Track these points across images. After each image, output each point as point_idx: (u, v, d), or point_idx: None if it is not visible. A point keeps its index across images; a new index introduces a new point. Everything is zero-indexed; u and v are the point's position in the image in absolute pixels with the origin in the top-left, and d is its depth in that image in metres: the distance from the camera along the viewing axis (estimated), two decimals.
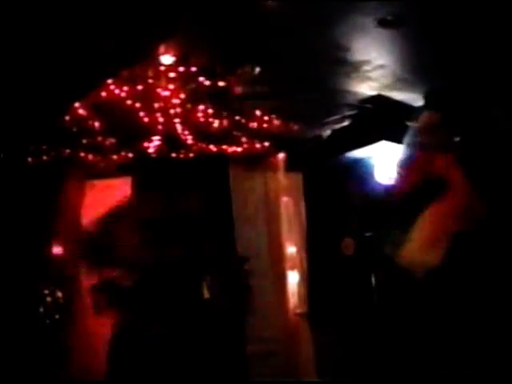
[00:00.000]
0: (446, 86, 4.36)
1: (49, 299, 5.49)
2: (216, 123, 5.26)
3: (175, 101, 4.72)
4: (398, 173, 2.05)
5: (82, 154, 5.75)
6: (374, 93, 5.00)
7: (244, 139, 5.83)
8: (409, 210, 1.93)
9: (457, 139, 1.88)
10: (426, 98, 2.23)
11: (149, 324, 4.81)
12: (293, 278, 6.64)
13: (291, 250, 6.69)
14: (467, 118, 1.96)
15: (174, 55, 4.05)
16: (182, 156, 5.98)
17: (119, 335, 4.77)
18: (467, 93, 2.36)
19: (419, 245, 1.87)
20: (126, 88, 4.45)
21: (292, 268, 6.65)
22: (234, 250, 6.29)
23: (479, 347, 1.79)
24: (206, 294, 5.28)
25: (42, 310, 5.41)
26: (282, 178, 6.74)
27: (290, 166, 6.59)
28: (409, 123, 2.09)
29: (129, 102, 4.64)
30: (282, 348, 6.28)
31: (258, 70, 4.29)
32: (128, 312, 4.89)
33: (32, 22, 2.86)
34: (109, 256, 5.34)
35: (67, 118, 4.75)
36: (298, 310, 6.51)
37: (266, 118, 5.35)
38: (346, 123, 5.74)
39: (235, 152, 6.13)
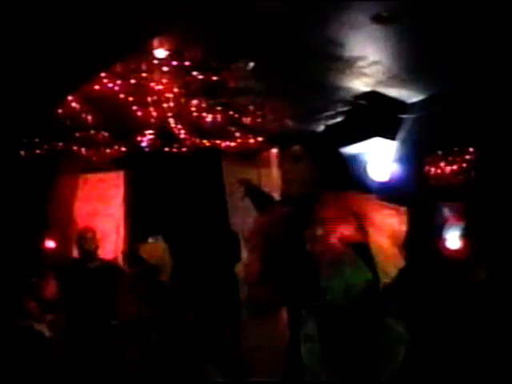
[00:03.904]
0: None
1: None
2: (209, 118, 5.25)
3: (169, 95, 4.71)
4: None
5: (75, 148, 5.73)
6: (368, 89, 5.00)
7: (238, 134, 5.82)
8: None
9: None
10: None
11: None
12: None
13: None
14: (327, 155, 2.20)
15: (168, 49, 4.04)
16: (175, 150, 5.97)
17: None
18: None
19: None
20: (119, 82, 4.43)
21: None
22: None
23: None
24: None
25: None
26: (275, 172, 6.73)
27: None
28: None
29: (122, 95, 4.63)
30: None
31: (251, 65, 4.29)
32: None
33: (24, 16, 2.84)
34: None
35: (60, 111, 4.74)
36: None
37: (259, 113, 5.34)
38: (339, 119, 5.74)
39: (229, 147, 6.12)
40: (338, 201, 2.02)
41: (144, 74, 4.35)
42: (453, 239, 4.97)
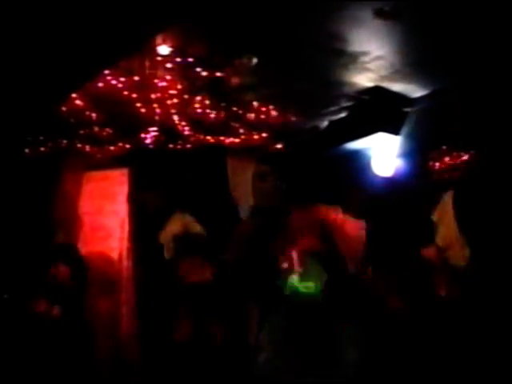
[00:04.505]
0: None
1: None
2: (213, 114, 5.26)
3: (172, 91, 4.72)
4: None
5: (80, 145, 5.74)
6: (371, 84, 4.99)
7: (241, 130, 5.82)
8: None
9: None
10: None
11: None
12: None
13: None
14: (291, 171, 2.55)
15: (171, 46, 4.04)
16: (179, 147, 5.97)
17: None
18: None
19: None
20: (122, 79, 4.44)
21: None
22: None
23: None
24: None
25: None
26: None
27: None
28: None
29: (126, 92, 4.64)
30: None
31: (255, 60, 4.28)
32: None
33: (29, 13, 2.85)
34: None
35: (64, 108, 4.75)
36: None
37: (263, 109, 5.34)
38: (343, 114, 5.73)
39: (233, 143, 6.12)
40: (305, 212, 2.30)
41: (147, 71, 4.36)
42: None
